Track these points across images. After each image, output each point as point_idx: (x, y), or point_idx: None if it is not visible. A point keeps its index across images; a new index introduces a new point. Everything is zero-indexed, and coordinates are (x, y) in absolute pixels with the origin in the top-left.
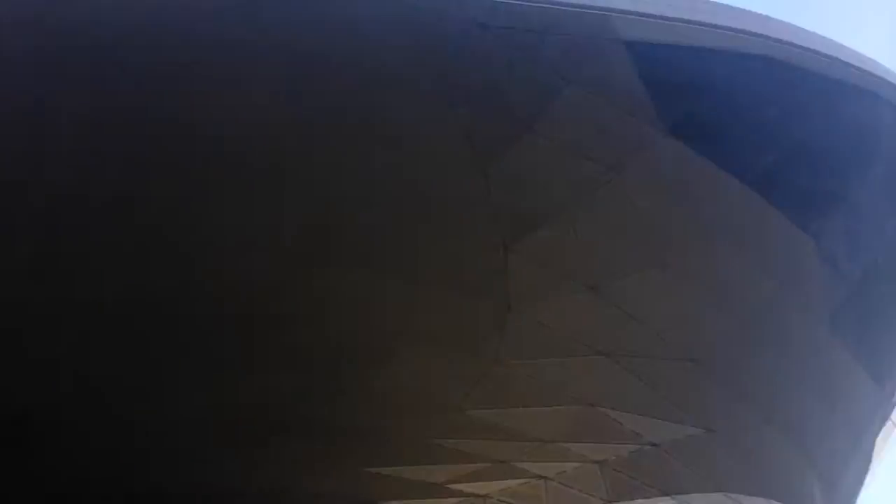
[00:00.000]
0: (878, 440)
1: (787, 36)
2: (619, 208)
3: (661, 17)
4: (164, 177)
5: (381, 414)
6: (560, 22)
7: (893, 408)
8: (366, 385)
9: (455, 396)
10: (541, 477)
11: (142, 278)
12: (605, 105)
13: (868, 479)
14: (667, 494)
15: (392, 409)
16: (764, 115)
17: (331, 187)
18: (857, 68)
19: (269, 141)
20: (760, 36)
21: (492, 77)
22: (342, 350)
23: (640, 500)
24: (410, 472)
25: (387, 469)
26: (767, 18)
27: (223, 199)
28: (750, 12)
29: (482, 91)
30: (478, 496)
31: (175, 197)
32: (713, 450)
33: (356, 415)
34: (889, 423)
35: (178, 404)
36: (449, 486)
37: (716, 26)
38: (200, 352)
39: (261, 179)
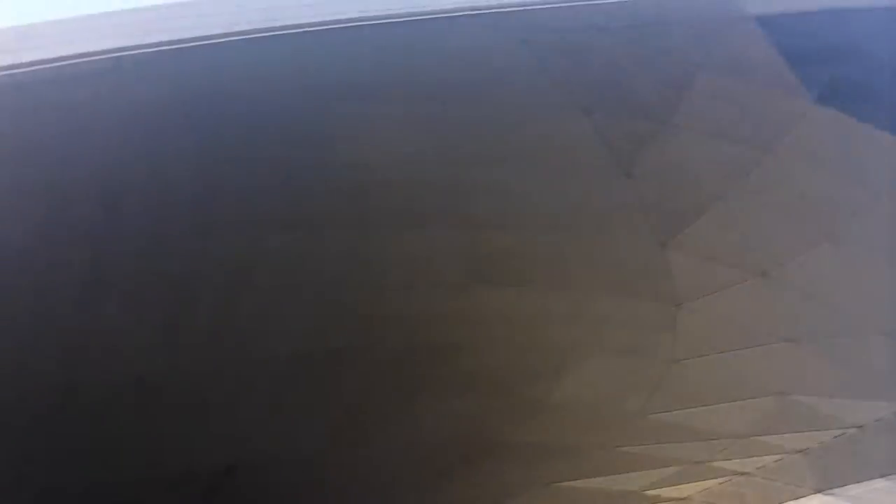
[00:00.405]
0: None
1: None
2: (776, 188)
3: None
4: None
5: (564, 429)
6: (683, 9)
7: None
8: (544, 403)
9: (635, 402)
10: (741, 473)
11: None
12: (744, 85)
13: None
14: (884, 475)
15: (574, 423)
16: None
17: (480, 211)
18: None
19: (424, 175)
20: None
21: (621, 78)
22: (517, 371)
23: (852, 485)
24: (603, 483)
25: (578, 482)
26: None
27: (402, 237)
28: None
29: (613, 93)
30: (678, 500)
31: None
32: None
33: (539, 432)
34: None
35: (379, 441)
36: (646, 492)
37: None
38: (386, 390)
39: (426, 214)
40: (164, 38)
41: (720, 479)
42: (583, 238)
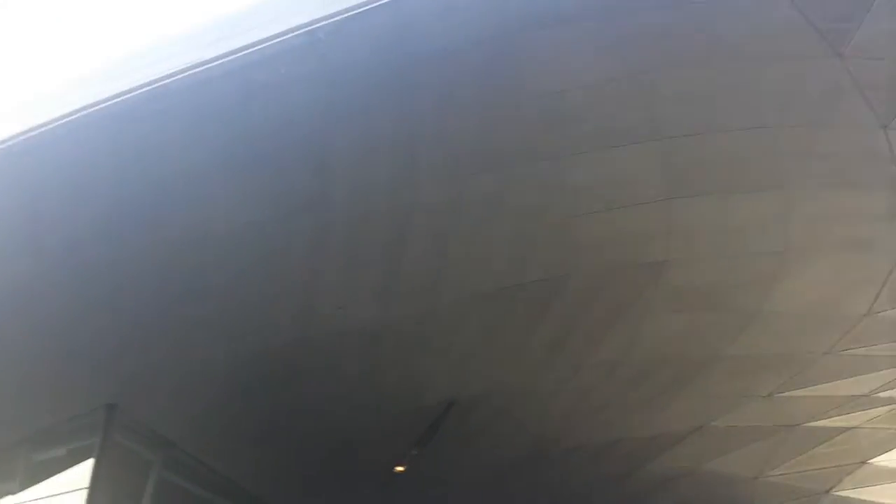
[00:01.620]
0: None
1: None
2: None
3: None
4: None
5: (783, 336)
6: None
7: None
8: (760, 311)
9: (861, 301)
10: None
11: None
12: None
13: None
14: None
15: (793, 329)
16: None
17: (678, 119)
18: None
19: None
20: None
21: None
22: (728, 282)
23: None
24: (828, 389)
25: (802, 391)
26: None
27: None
28: None
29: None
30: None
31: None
32: None
33: (756, 343)
34: None
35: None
36: (875, 395)
37: None
38: (593, 315)
39: (619, 132)
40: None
41: None
42: (793, 130)
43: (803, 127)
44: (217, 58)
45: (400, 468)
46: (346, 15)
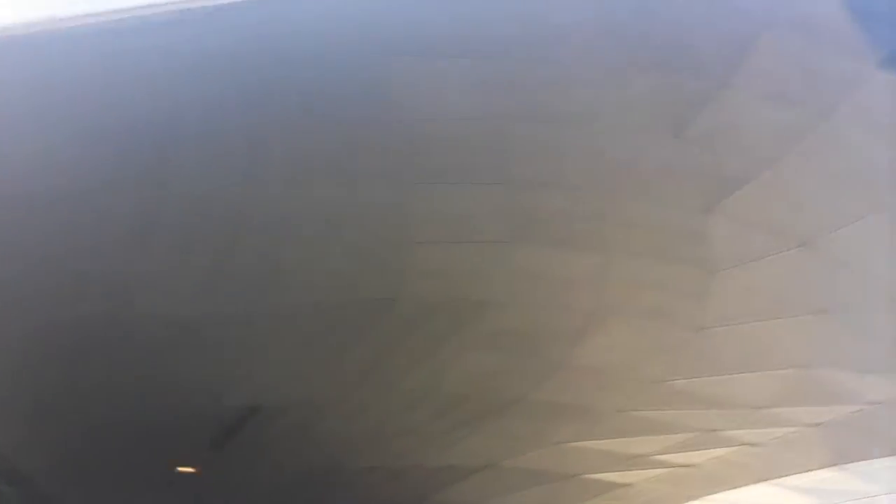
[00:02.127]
0: None
1: None
2: (830, 155)
3: None
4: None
5: (582, 389)
6: None
7: None
8: (565, 362)
9: (657, 367)
10: (752, 444)
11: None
12: (809, 45)
13: None
14: (890, 455)
15: (592, 384)
16: None
17: (525, 169)
18: None
19: (473, 127)
20: None
21: (682, 36)
22: (540, 330)
23: (863, 462)
24: (614, 445)
25: (589, 443)
26: None
27: (435, 185)
28: None
29: (673, 52)
30: (685, 466)
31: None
32: None
33: (557, 391)
34: None
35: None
36: (654, 456)
37: None
38: (413, 341)
39: (470, 170)
40: None
41: (731, 448)
42: (624, 199)
43: (634, 198)
44: (78, 16)
45: (187, 469)
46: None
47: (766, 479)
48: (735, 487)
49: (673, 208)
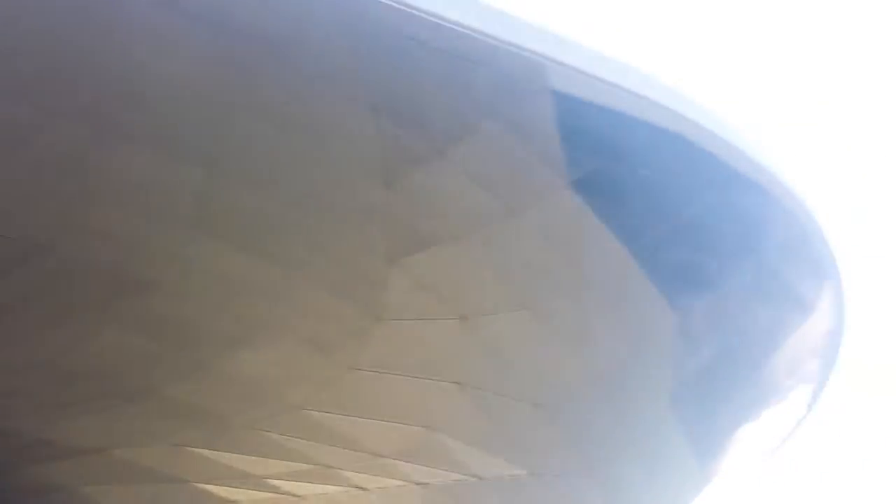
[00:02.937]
0: None
1: (702, 119)
2: (506, 249)
3: (594, 77)
4: (73, 119)
5: (219, 397)
6: (496, 58)
7: (707, 483)
8: (212, 366)
9: (300, 395)
10: (362, 489)
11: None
12: (520, 147)
13: None
14: None
15: (232, 395)
16: (664, 190)
17: (227, 157)
18: (755, 163)
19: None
20: (679, 115)
21: (420, 94)
22: (199, 327)
23: None
24: (232, 459)
25: (208, 451)
26: (687, 99)
27: (121, 146)
28: (673, 89)
29: (408, 105)
30: (294, 496)
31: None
32: (531, 492)
33: (193, 392)
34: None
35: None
36: (268, 480)
37: (640, 96)
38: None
39: (163, 131)
40: None
41: (341, 489)
42: (318, 224)
43: (337, 238)
44: None
45: None
46: None
47: None
48: None
49: (364, 250)
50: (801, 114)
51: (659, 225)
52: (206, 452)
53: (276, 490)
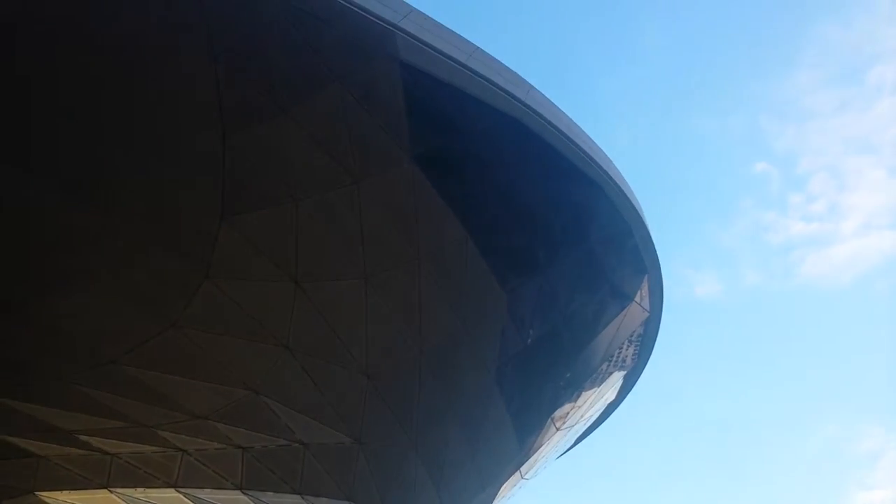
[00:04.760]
0: (505, 486)
1: (543, 109)
2: (343, 214)
3: (443, 53)
4: None
5: (30, 346)
6: (348, 19)
7: (525, 461)
8: (22, 313)
9: (118, 349)
10: (179, 450)
11: None
12: (366, 115)
13: None
14: (298, 493)
15: (44, 345)
16: (501, 173)
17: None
18: (590, 157)
19: None
20: (522, 102)
21: (263, 47)
22: (8, 269)
23: (271, 493)
24: (40, 412)
25: (14, 402)
26: (531, 88)
27: None
28: (519, 77)
29: (250, 57)
30: (105, 453)
31: None
32: (355, 460)
33: (3, 341)
34: (518, 473)
35: None
36: (77, 435)
37: (487, 79)
38: None
39: None
40: None
41: (157, 448)
42: (152, 169)
43: (160, 180)
44: None
45: None
46: None
47: (178, 487)
48: (147, 487)
49: (196, 203)
50: None
51: (495, 206)
52: (10, 403)
53: (86, 446)
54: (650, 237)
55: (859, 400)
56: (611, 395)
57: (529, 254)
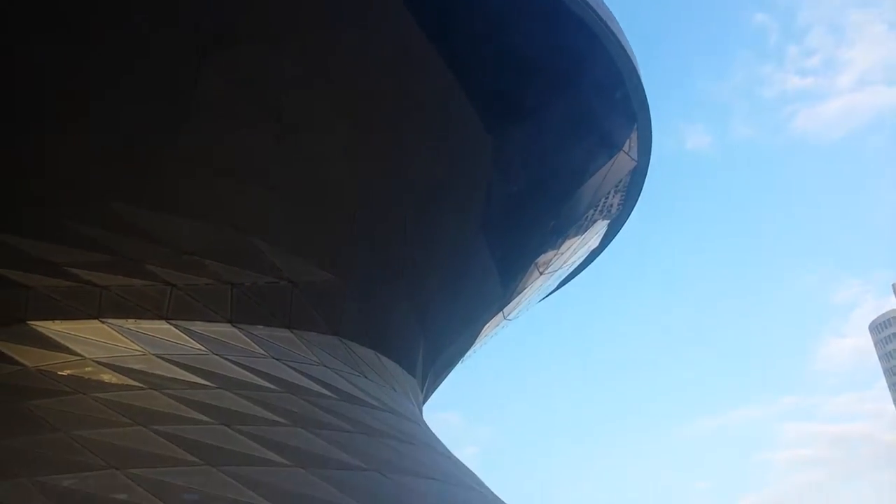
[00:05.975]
0: (487, 326)
1: None
2: (328, 57)
3: None
4: None
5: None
6: None
7: (507, 304)
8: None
9: (111, 183)
10: (169, 284)
11: None
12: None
13: (469, 353)
14: (287, 327)
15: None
16: (490, 14)
17: None
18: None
19: None
20: None
21: None
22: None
23: (261, 327)
24: (29, 245)
25: (7, 236)
26: None
27: None
28: None
29: None
30: (95, 285)
31: None
32: (342, 299)
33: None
34: (500, 314)
35: None
36: (67, 268)
37: None
38: None
39: None
40: None
41: (146, 282)
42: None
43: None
44: None
45: None
46: None
47: (169, 319)
48: (138, 319)
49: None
50: None
51: (482, 48)
52: (5, 237)
53: (76, 278)
54: (641, 85)
55: (841, 253)
56: (594, 242)
57: (516, 98)
